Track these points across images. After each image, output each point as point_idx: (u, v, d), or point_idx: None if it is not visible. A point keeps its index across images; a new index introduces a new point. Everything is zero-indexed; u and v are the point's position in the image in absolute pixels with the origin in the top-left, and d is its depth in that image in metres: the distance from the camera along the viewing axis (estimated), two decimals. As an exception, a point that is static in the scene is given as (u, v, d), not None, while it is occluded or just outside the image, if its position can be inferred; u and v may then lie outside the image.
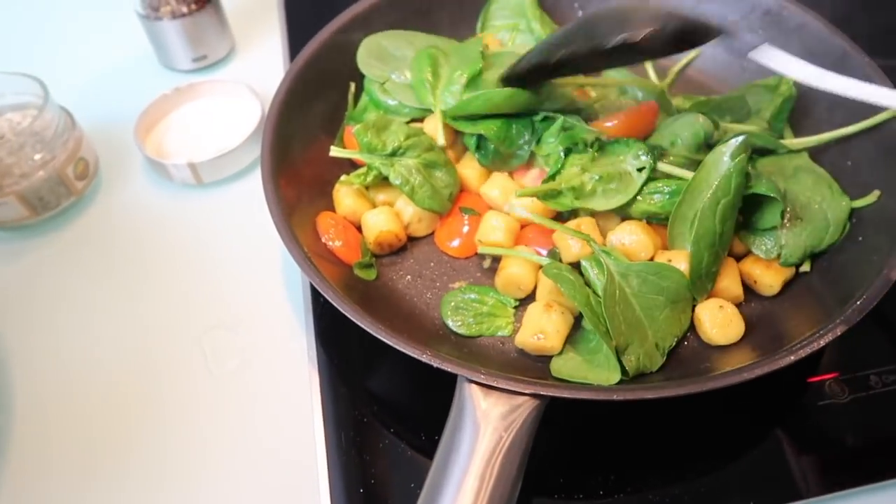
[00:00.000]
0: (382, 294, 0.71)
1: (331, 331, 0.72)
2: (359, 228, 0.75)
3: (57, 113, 0.82)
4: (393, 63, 0.82)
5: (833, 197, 0.69)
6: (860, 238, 0.66)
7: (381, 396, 0.68)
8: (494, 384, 0.54)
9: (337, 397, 0.67)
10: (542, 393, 0.54)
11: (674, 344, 0.63)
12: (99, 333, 0.75)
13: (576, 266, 0.65)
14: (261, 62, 1.03)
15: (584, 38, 0.64)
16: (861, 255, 0.65)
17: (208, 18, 0.97)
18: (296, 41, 1.04)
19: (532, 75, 0.69)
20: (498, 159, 0.73)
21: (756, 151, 0.74)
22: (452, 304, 0.66)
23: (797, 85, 0.76)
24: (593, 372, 0.60)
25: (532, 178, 0.74)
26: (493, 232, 0.70)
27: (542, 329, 0.63)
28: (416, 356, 0.56)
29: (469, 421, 0.53)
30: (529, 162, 0.74)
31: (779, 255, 0.68)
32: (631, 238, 0.67)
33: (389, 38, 0.84)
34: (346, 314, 0.59)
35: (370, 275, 0.72)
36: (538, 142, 0.73)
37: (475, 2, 0.90)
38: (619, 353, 0.60)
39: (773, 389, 0.65)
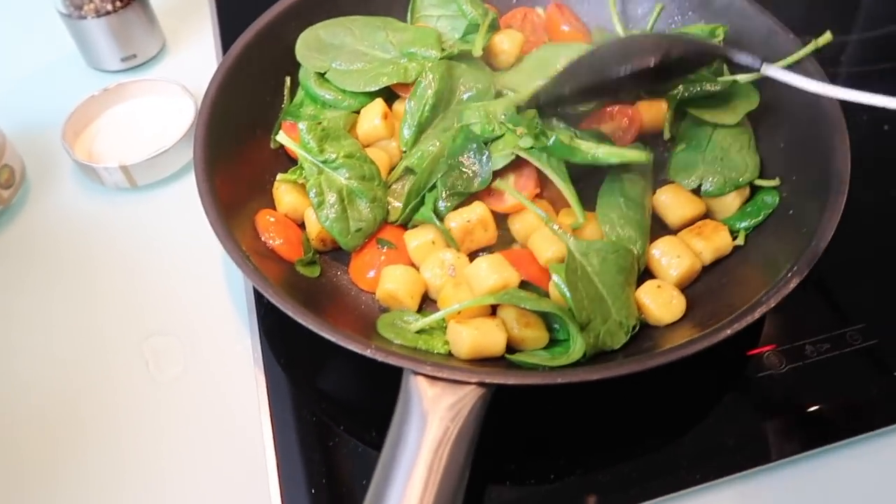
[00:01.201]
0: (326, 291, 0.70)
1: (275, 331, 0.71)
2: (300, 225, 0.74)
3: (-24, 119, 0.78)
4: (333, 52, 0.81)
5: (751, 149, 0.74)
6: (790, 212, 0.68)
7: (330, 394, 0.68)
8: (439, 375, 0.54)
9: (284, 398, 0.66)
10: (487, 381, 0.54)
11: (637, 325, 0.63)
12: (35, 346, 0.72)
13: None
14: (194, 59, 1.00)
15: (590, 71, 0.68)
16: (792, 228, 0.66)
17: (135, 16, 0.94)
18: (228, 36, 1.01)
19: (545, 107, 0.71)
20: (457, 201, 0.70)
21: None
22: (389, 323, 0.65)
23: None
24: (549, 360, 0.61)
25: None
26: (393, 281, 0.67)
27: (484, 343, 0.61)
28: (359, 351, 0.55)
29: (415, 413, 0.52)
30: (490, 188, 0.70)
31: (699, 186, 0.72)
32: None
33: (326, 28, 0.82)
34: (287, 311, 0.58)
35: (313, 272, 0.70)
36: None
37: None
38: (581, 330, 0.60)
39: (716, 364, 0.66)
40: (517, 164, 0.70)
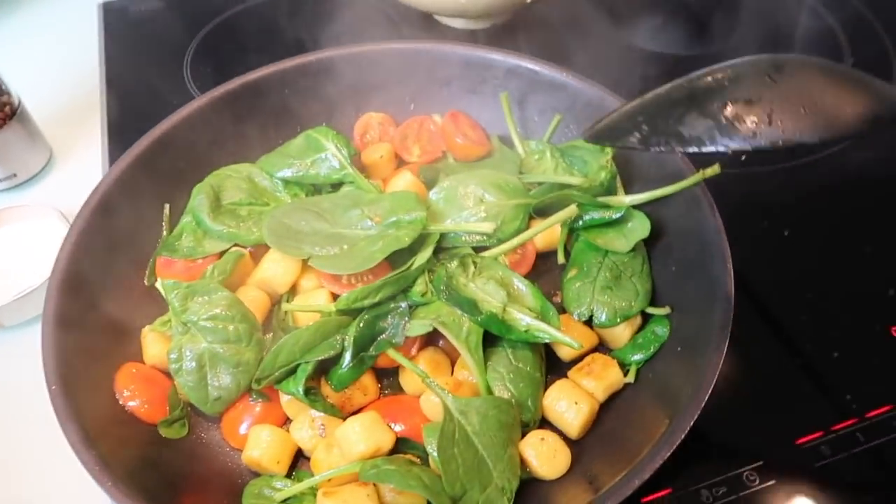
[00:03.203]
0: (194, 453, 0.65)
1: None
2: (168, 374, 0.69)
3: None
4: (309, 239, 0.71)
5: (643, 274, 0.72)
6: (679, 349, 0.65)
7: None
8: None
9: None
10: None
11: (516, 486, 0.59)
12: None
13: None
14: (80, 173, 0.95)
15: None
16: (681, 366, 0.64)
17: (13, 135, 0.89)
18: (118, 146, 0.97)
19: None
20: (363, 368, 0.65)
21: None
22: (255, 493, 0.60)
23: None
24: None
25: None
26: (257, 446, 0.62)
27: None
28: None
29: None
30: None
31: (591, 318, 0.69)
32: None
33: (290, 216, 0.73)
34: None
35: (179, 432, 0.65)
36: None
37: (287, 110, 0.86)
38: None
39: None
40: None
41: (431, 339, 0.69)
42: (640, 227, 0.72)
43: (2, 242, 0.84)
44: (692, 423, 0.56)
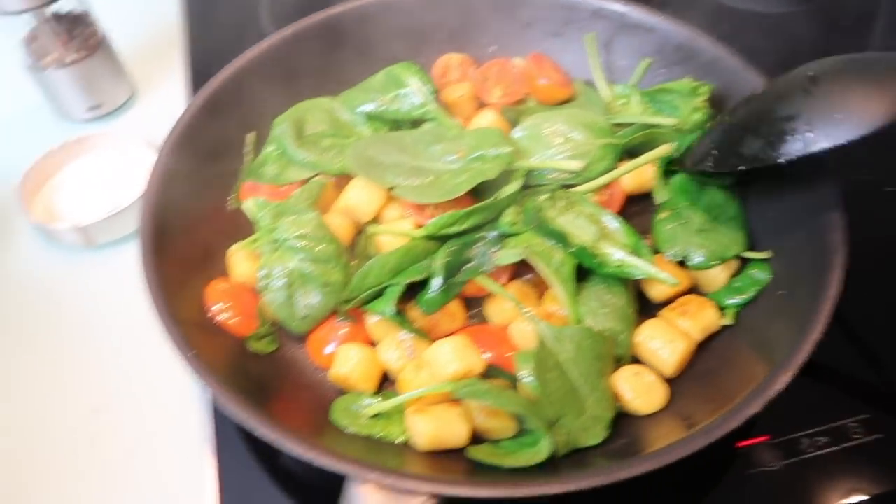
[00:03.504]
0: (282, 368, 0.65)
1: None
2: (255, 292, 0.69)
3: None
4: (392, 170, 0.70)
5: (738, 218, 0.69)
6: (780, 292, 0.63)
7: (285, 480, 0.62)
8: (387, 482, 0.48)
9: (235, 483, 0.61)
10: (440, 492, 0.48)
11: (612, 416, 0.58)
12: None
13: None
14: (162, 108, 0.96)
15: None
16: (785, 310, 0.61)
17: (100, 65, 0.90)
18: (200, 83, 0.97)
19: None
20: (452, 293, 0.64)
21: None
22: (343, 408, 0.60)
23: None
24: (514, 455, 0.55)
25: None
26: (346, 363, 0.62)
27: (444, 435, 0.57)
28: (299, 455, 0.50)
29: (358, 527, 0.47)
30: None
31: (685, 259, 0.66)
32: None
33: (375, 147, 0.73)
34: (225, 404, 0.53)
35: (268, 346, 0.65)
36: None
37: (368, 46, 0.84)
38: (549, 428, 0.55)
39: (700, 457, 0.60)
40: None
41: (518, 272, 0.67)
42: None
43: (91, 166, 0.86)
44: (796, 371, 0.54)
